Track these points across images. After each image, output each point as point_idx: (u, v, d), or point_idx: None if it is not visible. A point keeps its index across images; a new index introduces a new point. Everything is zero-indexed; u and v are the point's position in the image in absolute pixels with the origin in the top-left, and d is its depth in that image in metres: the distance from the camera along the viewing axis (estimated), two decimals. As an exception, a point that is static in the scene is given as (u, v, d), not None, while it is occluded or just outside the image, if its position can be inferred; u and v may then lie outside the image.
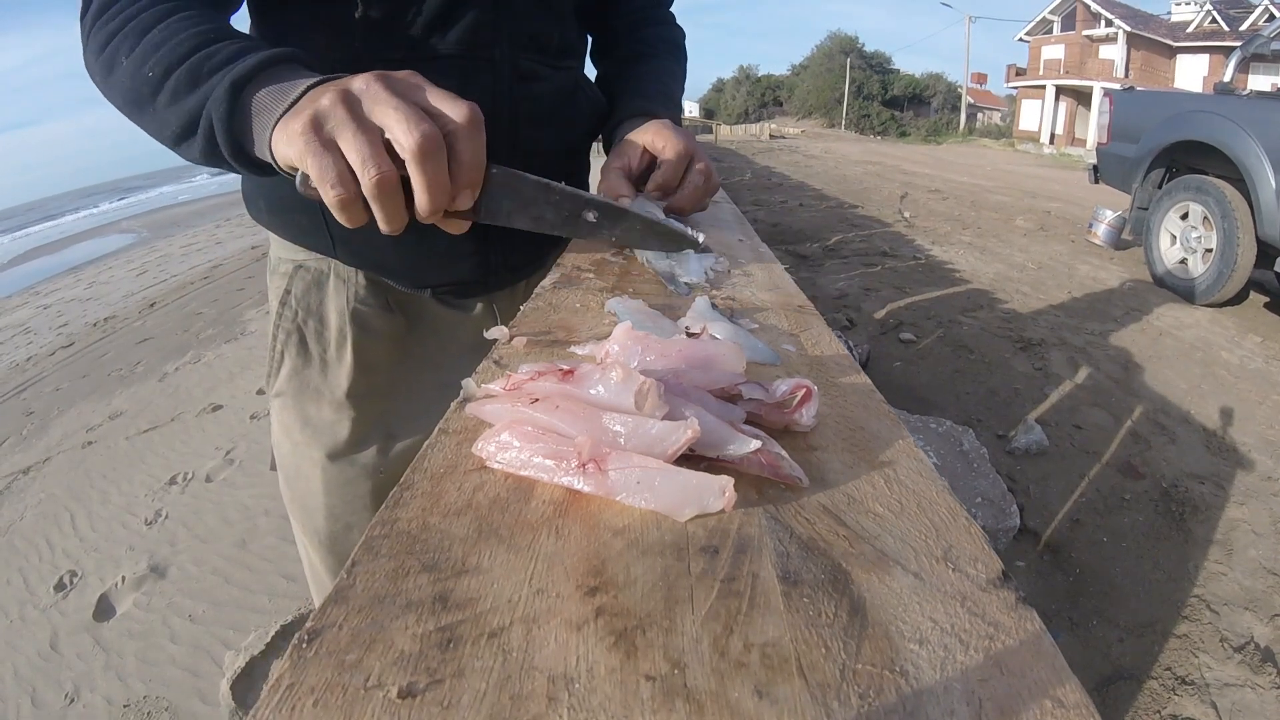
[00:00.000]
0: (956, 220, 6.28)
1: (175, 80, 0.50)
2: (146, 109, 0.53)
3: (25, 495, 2.67)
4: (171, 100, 0.51)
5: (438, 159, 0.45)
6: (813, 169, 11.28)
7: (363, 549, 0.27)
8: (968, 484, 1.87)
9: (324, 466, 0.77)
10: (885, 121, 38.66)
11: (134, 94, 0.53)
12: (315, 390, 0.76)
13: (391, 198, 0.46)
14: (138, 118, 0.55)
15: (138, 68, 0.52)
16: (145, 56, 0.51)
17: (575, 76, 0.81)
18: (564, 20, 0.77)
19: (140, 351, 4.44)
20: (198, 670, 1.63)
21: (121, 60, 0.53)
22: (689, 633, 0.23)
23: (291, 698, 0.21)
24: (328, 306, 0.75)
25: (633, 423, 0.31)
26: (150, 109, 0.52)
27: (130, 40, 0.53)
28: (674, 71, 0.89)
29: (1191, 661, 1.54)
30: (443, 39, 0.67)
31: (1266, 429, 2.48)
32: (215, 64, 0.50)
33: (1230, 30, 21.33)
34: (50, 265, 10.87)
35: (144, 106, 0.53)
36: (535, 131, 0.74)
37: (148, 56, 0.51)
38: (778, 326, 0.53)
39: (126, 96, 0.54)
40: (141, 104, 0.53)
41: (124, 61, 0.53)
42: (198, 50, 0.50)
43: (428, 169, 0.45)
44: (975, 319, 3.52)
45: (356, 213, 0.46)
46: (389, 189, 0.45)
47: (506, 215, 0.54)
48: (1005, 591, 0.26)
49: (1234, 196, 3.69)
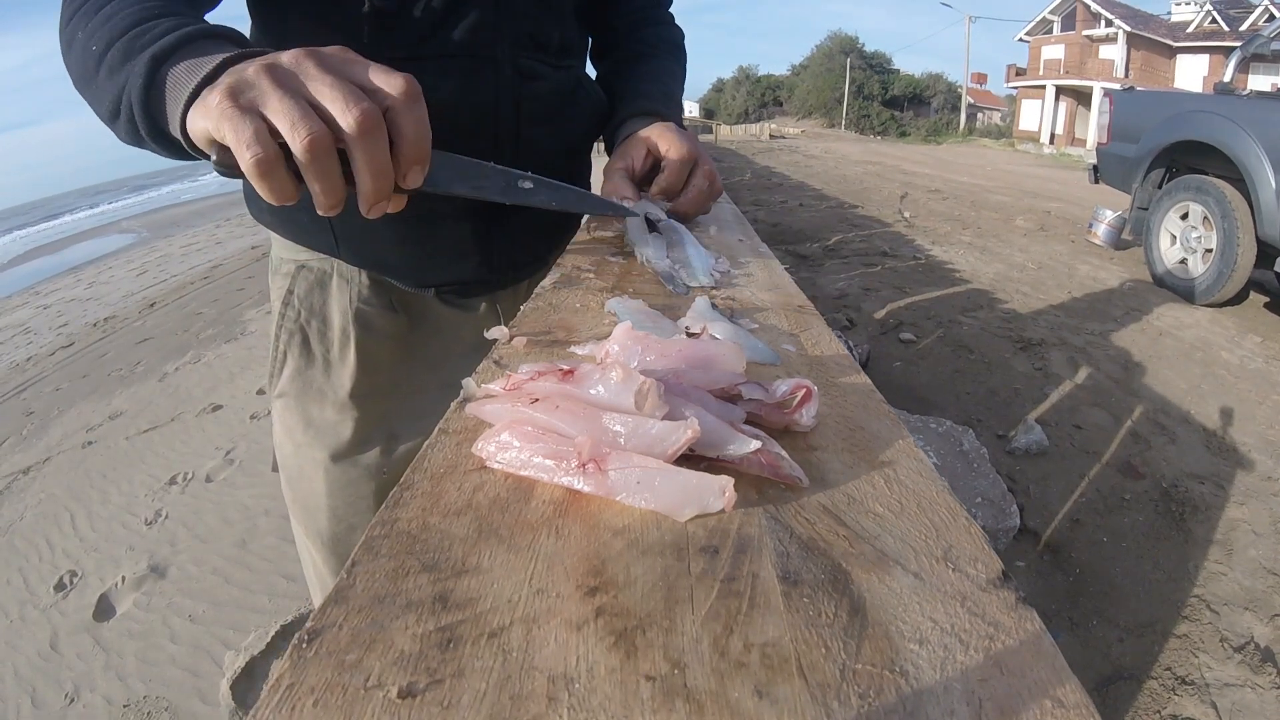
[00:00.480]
0: (956, 220, 6.28)
1: (111, 54, 0.48)
2: (91, 84, 0.50)
3: (25, 495, 2.67)
4: (108, 75, 0.49)
5: (378, 136, 0.43)
6: (813, 169, 11.28)
7: (363, 549, 0.27)
8: (968, 484, 1.87)
9: (327, 467, 0.76)
10: (885, 121, 38.66)
11: (81, 69, 0.51)
12: (318, 391, 0.76)
13: (326, 163, 0.42)
14: (84, 93, 0.52)
15: (86, 43, 0.50)
16: (93, 32, 0.50)
17: (576, 75, 0.81)
18: (565, 20, 0.77)
19: (140, 351, 4.44)
20: (198, 670, 1.63)
21: (78, 36, 0.52)
22: (689, 633, 0.23)
23: (291, 698, 0.21)
24: (331, 306, 0.75)
25: (633, 423, 0.31)
26: (93, 83, 0.50)
27: (87, 18, 0.51)
28: (674, 71, 0.89)
29: (1191, 661, 1.54)
30: (445, 39, 0.67)
31: (1266, 429, 2.48)
32: (148, 39, 0.47)
33: (1230, 30, 21.33)
34: (50, 265, 10.87)
35: (89, 82, 0.51)
36: (537, 130, 0.74)
37: (95, 31, 0.50)
38: (778, 326, 0.53)
39: (76, 71, 0.52)
40: (87, 79, 0.51)
41: (79, 37, 0.51)
42: (136, 25, 0.48)
43: (369, 147, 0.42)
44: (975, 319, 3.52)
45: (280, 180, 0.42)
46: (322, 151, 0.41)
47: (446, 185, 0.52)
48: (1005, 591, 0.26)
49: (1234, 196, 3.68)
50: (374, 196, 0.45)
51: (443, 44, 0.67)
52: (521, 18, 0.71)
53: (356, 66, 0.44)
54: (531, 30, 0.72)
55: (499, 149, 0.71)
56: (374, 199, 0.45)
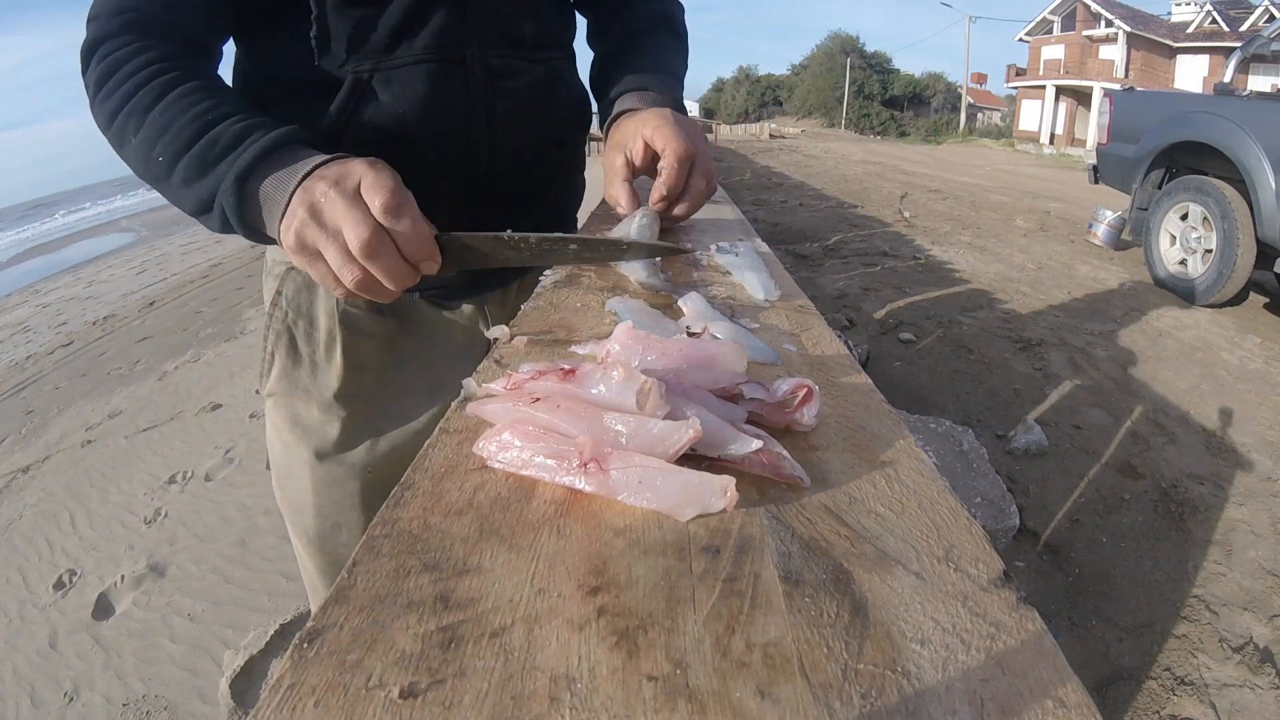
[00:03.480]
0: (956, 220, 6.28)
1: (184, 167, 0.56)
2: (162, 185, 0.59)
3: (24, 494, 2.67)
4: (183, 184, 0.56)
5: (382, 253, 0.52)
6: (812, 169, 11.28)
7: (364, 548, 0.27)
8: (967, 484, 1.87)
9: (312, 466, 0.77)
10: (885, 121, 38.66)
11: (147, 173, 0.59)
12: (305, 390, 0.77)
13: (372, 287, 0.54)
14: (155, 188, 0.60)
15: (148, 151, 0.57)
16: (152, 141, 0.56)
17: (557, 68, 0.79)
18: (539, 12, 0.76)
19: (140, 350, 4.44)
20: (197, 669, 1.63)
21: (130, 138, 0.57)
22: (691, 633, 0.23)
23: (292, 698, 0.21)
24: (317, 308, 0.76)
25: (634, 422, 0.31)
26: (165, 186, 0.58)
27: (135, 120, 0.57)
28: (671, 46, 0.87)
29: (1191, 662, 1.54)
30: (410, 45, 0.67)
31: (1266, 429, 2.48)
32: (219, 152, 0.55)
33: (1230, 31, 21.34)
34: (49, 264, 10.86)
35: (159, 183, 0.59)
36: (514, 128, 0.74)
37: (154, 141, 0.56)
38: (778, 326, 0.53)
39: (141, 172, 0.60)
40: (156, 181, 0.59)
41: (132, 139, 0.57)
42: (200, 137, 0.55)
43: (377, 266, 0.52)
44: (975, 319, 3.52)
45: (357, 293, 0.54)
46: (367, 286, 0.53)
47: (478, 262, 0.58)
48: (1006, 591, 0.26)
49: (1234, 197, 3.69)
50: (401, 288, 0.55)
51: (409, 51, 0.67)
52: (489, 15, 0.70)
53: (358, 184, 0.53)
54: (502, 27, 0.71)
55: (473, 151, 0.71)
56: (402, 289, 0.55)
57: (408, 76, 0.67)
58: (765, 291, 0.59)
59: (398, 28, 0.66)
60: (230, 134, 0.55)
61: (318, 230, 0.52)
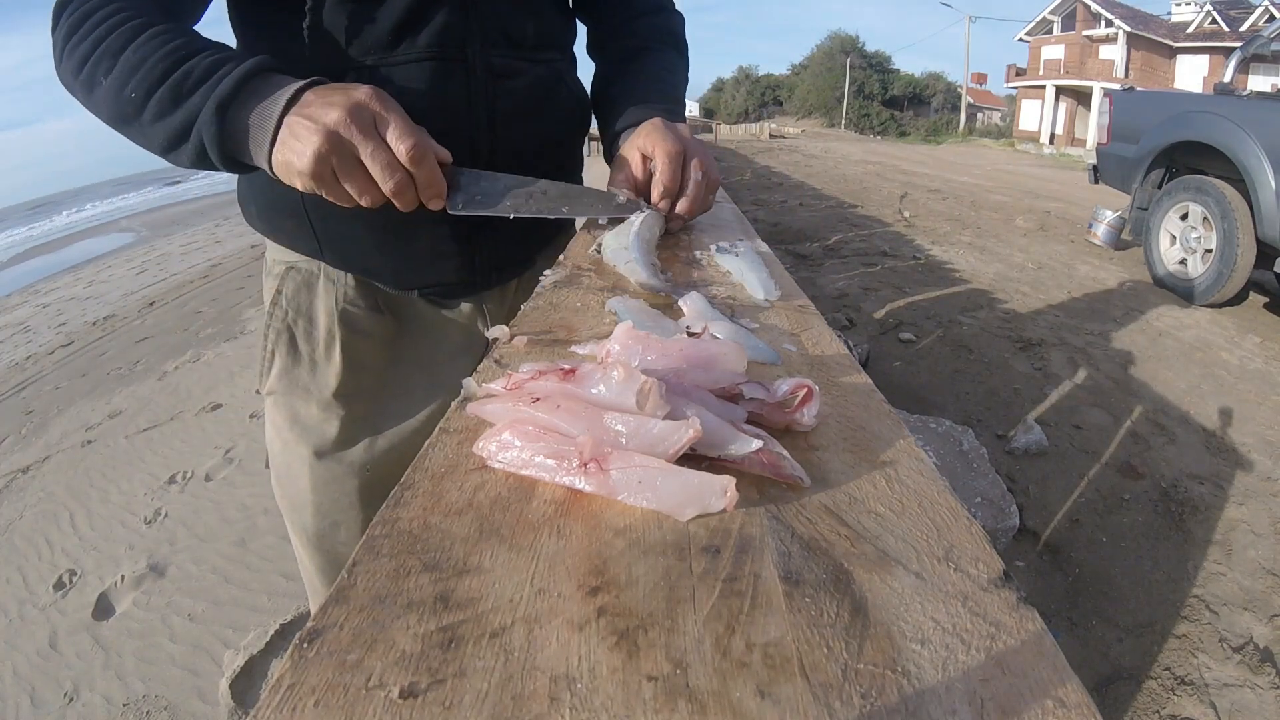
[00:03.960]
0: (956, 220, 6.28)
1: (158, 100, 0.56)
2: (132, 124, 0.58)
3: (24, 494, 2.67)
4: (156, 118, 0.56)
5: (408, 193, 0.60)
6: (812, 168, 11.28)
7: (364, 548, 0.27)
8: (967, 484, 1.87)
9: (311, 464, 0.77)
10: (885, 121, 38.66)
11: (118, 112, 0.58)
12: (304, 389, 0.77)
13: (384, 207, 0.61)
14: (124, 130, 0.60)
15: (119, 89, 0.56)
16: (124, 78, 0.56)
17: (558, 70, 0.80)
18: (540, 13, 0.76)
19: (140, 350, 4.44)
20: (197, 669, 1.63)
21: (100, 80, 0.57)
22: (691, 633, 0.23)
23: (292, 698, 0.21)
24: (317, 307, 0.76)
25: (634, 422, 0.31)
26: (136, 124, 0.58)
27: (106, 62, 0.57)
28: (672, 65, 0.88)
29: (1191, 661, 1.54)
30: (413, 42, 0.67)
31: (1266, 429, 2.48)
32: (194, 82, 0.56)
33: (1230, 31, 21.33)
34: (49, 264, 10.86)
35: (129, 122, 0.58)
36: (515, 128, 0.74)
37: (127, 78, 0.56)
38: (778, 326, 0.53)
39: (111, 113, 0.59)
40: (127, 120, 0.58)
41: (103, 81, 0.57)
42: (174, 70, 0.56)
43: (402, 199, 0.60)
44: (975, 319, 3.52)
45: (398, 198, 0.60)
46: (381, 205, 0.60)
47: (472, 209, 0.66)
48: (1006, 591, 0.26)
49: (1234, 197, 3.68)
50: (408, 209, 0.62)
51: (410, 48, 0.67)
52: (491, 15, 0.70)
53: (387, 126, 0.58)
54: (504, 27, 0.72)
55: (474, 149, 0.71)
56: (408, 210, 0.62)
57: (409, 74, 0.67)
58: (765, 291, 0.59)
59: (400, 25, 0.66)
60: (203, 66, 0.56)
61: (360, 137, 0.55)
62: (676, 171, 0.71)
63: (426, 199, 0.61)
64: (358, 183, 0.57)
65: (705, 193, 0.74)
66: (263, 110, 0.56)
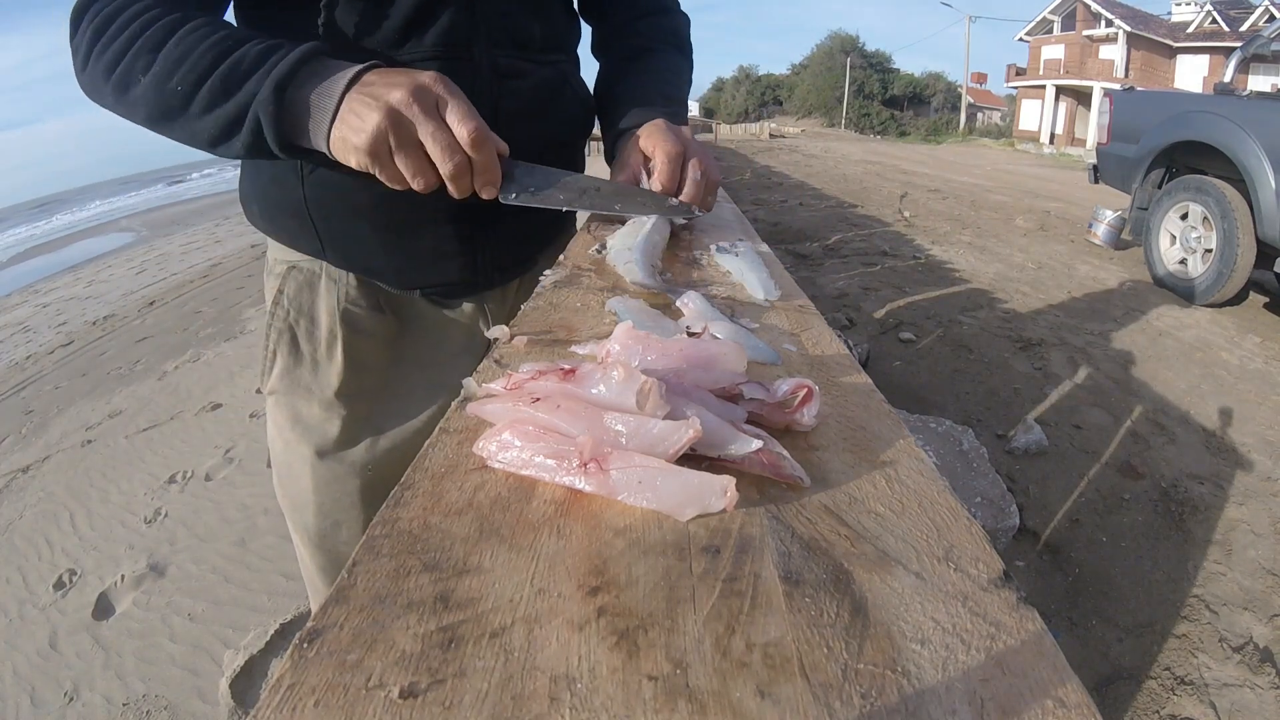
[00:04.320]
0: (956, 220, 6.28)
1: (209, 90, 0.55)
2: (176, 119, 0.57)
3: (24, 494, 2.67)
4: (206, 108, 0.56)
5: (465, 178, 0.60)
6: (812, 168, 11.27)
7: (364, 548, 0.27)
8: (967, 484, 1.87)
9: (313, 464, 0.77)
10: (885, 121, 38.64)
11: (160, 107, 0.57)
12: (306, 389, 0.77)
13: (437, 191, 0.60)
14: (165, 128, 0.59)
15: (162, 83, 0.55)
16: (168, 72, 0.55)
17: (563, 71, 0.80)
18: (548, 15, 0.76)
19: (139, 350, 4.44)
20: (197, 669, 1.63)
21: (138, 78, 0.56)
22: (691, 633, 0.23)
23: (292, 698, 0.21)
24: (319, 307, 0.76)
25: (634, 422, 0.31)
26: (181, 119, 0.57)
27: (144, 58, 0.56)
28: (675, 67, 0.88)
29: (1190, 661, 1.54)
30: (419, 41, 0.67)
31: (1266, 429, 2.48)
32: (246, 69, 0.55)
33: (1230, 31, 21.33)
34: (49, 263, 10.86)
35: (173, 118, 0.57)
36: (519, 129, 0.74)
37: (171, 72, 0.55)
38: (778, 326, 0.53)
39: (151, 111, 0.57)
40: (170, 116, 0.57)
41: (142, 79, 0.56)
42: (224, 59, 0.55)
43: (458, 184, 0.60)
44: (975, 319, 3.52)
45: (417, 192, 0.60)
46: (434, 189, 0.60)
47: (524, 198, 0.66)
48: (1006, 591, 0.26)
49: (1234, 197, 3.68)
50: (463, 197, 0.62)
51: (416, 47, 0.67)
52: (499, 16, 0.70)
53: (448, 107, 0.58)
54: (510, 28, 0.72)
55: None
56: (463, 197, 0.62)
57: None
58: (765, 291, 0.59)
59: (407, 23, 0.66)
60: (255, 53, 0.56)
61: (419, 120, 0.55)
62: (676, 172, 0.71)
63: (480, 185, 0.61)
64: (414, 163, 0.57)
65: (704, 193, 0.74)
66: (323, 90, 0.56)
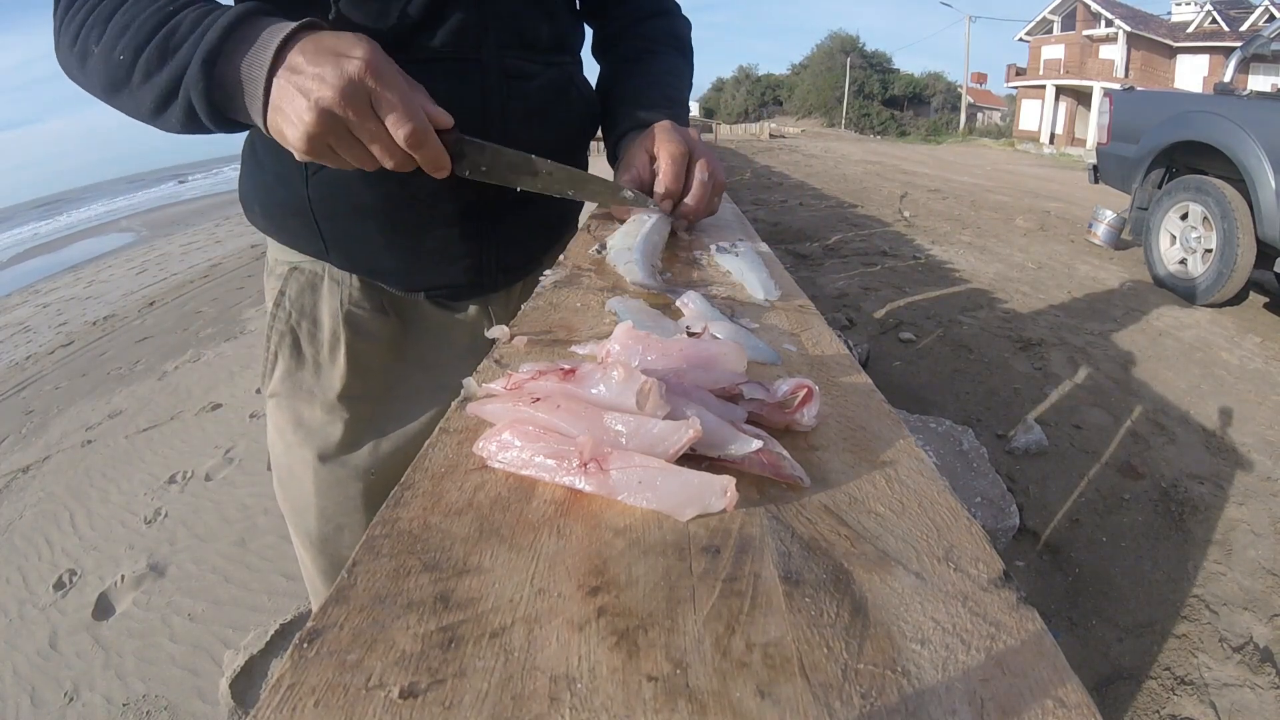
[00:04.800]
0: (956, 220, 6.28)
1: (145, 59, 0.53)
2: (122, 90, 0.56)
3: (24, 494, 2.67)
4: (144, 79, 0.54)
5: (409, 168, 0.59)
6: (812, 168, 11.27)
7: (364, 548, 0.27)
8: (967, 484, 1.87)
9: (315, 468, 0.76)
10: (885, 121, 38.64)
11: (108, 78, 0.56)
12: (308, 392, 0.76)
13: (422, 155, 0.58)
14: (115, 100, 0.58)
15: (109, 53, 0.55)
16: (114, 41, 0.54)
17: (569, 72, 0.80)
18: (555, 16, 0.76)
19: (140, 350, 4.44)
20: (197, 669, 1.63)
21: (92, 49, 0.56)
22: (691, 632, 0.23)
23: (292, 698, 0.21)
24: (321, 309, 0.75)
25: (634, 422, 0.31)
26: (126, 89, 0.56)
27: (97, 29, 0.55)
28: (677, 69, 0.88)
29: (1190, 661, 1.54)
30: (428, 41, 0.67)
31: (1266, 429, 2.48)
32: (180, 37, 0.53)
33: (1230, 30, 21.33)
34: (50, 263, 10.86)
35: (120, 89, 0.56)
36: (526, 129, 0.74)
37: (116, 41, 0.54)
38: (778, 326, 0.53)
39: (102, 82, 0.57)
40: (117, 87, 0.56)
41: (94, 50, 0.55)
42: (161, 26, 0.54)
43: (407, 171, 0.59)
44: (975, 319, 3.52)
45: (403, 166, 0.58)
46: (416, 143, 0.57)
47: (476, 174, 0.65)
48: (1006, 591, 0.26)
49: (1234, 197, 3.68)
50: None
51: (424, 48, 0.67)
52: (508, 17, 0.70)
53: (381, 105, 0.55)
54: (519, 29, 0.71)
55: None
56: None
57: (422, 73, 0.66)
58: (765, 291, 0.59)
59: (416, 24, 0.66)
60: (191, 18, 0.54)
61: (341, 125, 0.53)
62: (680, 173, 0.71)
63: (430, 172, 0.61)
64: (357, 155, 0.56)
65: (710, 195, 0.73)
66: (251, 62, 0.53)
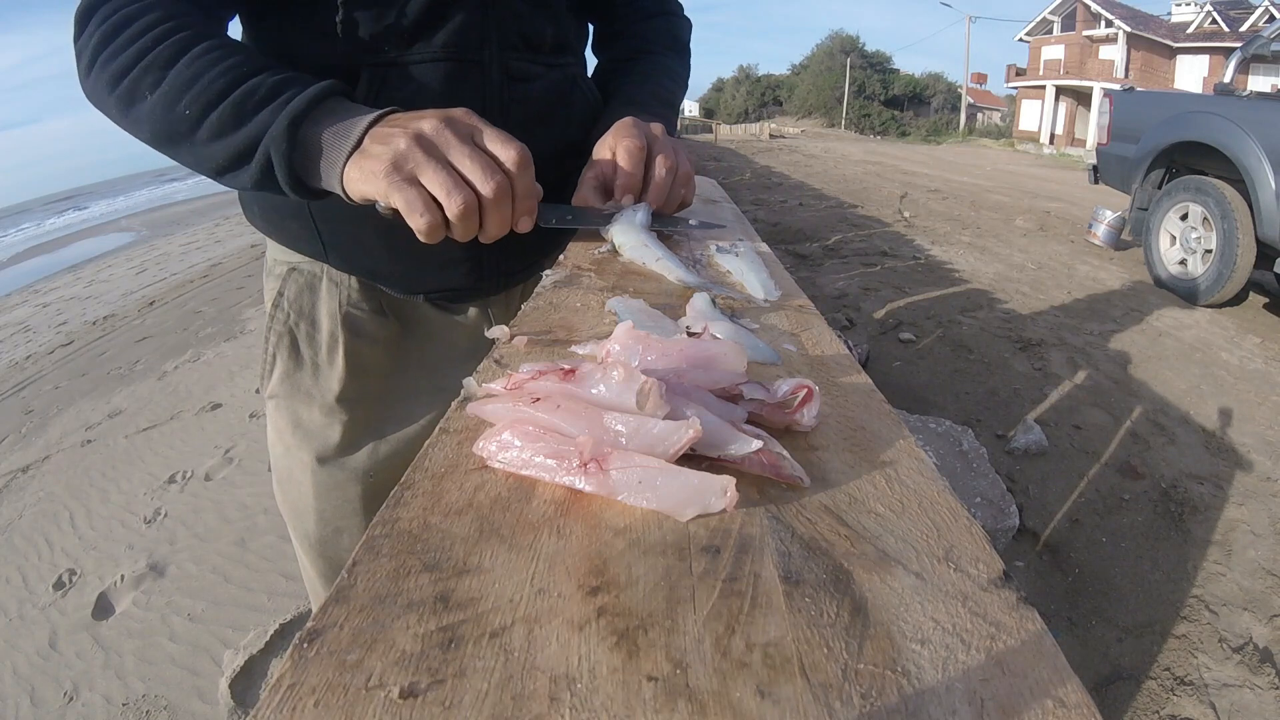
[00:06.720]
0: (956, 220, 6.28)
1: (218, 117, 0.53)
2: (183, 144, 0.55)
3: (24, 494, 2.67)
4: (215, 136, 0.54)
5: (506, 200, 0.54)
6: (812, 168, 11.27)
7: (364, 548, 0.27)
8: (967, 484, 1.87)
9: (314, 470, 0.76)
10: (885, 121, 38.64)
11: (166, 129, 0.55)
12: (306, 393, 0.76)
13: (471, 221, 0.54)
14: (170, 150, 0.57)
15: (170, 105, 0.54)
16: (177, 94, 0.54)
17: (572, 74, 0.79)
18: (559, 18, 0.75)
19: (139, 350, 4.44)
20: (197, 669, 1.63)
21: (145, 95, 0.54)
22: (691, 633, 0.23)
23: (292, 698, 0.21)
24: (320, 310, 0.75)
25: (634, 422, 0.31)
26: (188, 144, 0.55)
27: (152, 75, 0.54)
28: (670, 69, 0.87)
29: (1190, 662, 1.54)
30: (429, 42, 0.66)
31: (1266, 429, 2.48)
32: (259, 100, 0.54)
33: (1230, 31, 21.33)
34: (49, 263, 10.86)
35: (179, 141, 0.55)
36: (528, 132, 0.73)
37: (180, 94, 0.54)
38: (778, 326, 0.53)
39: (157, 131, 0.56)
40: (176, 139, 0.55)
41: (149, 96, 0.54)
42: (236, 86, 0.54)
43: (499, 209, 0.54)
44: (975, 319, 3.52)
45: (438, 234, 0.54)
46: (471, 213, 0.53)
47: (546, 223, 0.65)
48: (1006, 591, 0.26)
49: (1234, 197, 3.69)
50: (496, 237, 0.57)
51: (426, 48, 0.66)
52: (511, 18, 0.69)
53: (481, 134, 0.55)
54: (522, 30, 0.71)
55: None
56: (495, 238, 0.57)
57: (424, 74, 0.66)
58: (765, 291, 0.59)
59: (418, 24, 0.65)
60: (269, 84, 0.54)
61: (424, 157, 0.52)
62: (637, 168, 0.69)
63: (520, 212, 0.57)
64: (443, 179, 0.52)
65: (671, 188, 0.71)
66: (339, 130, 0.54)
